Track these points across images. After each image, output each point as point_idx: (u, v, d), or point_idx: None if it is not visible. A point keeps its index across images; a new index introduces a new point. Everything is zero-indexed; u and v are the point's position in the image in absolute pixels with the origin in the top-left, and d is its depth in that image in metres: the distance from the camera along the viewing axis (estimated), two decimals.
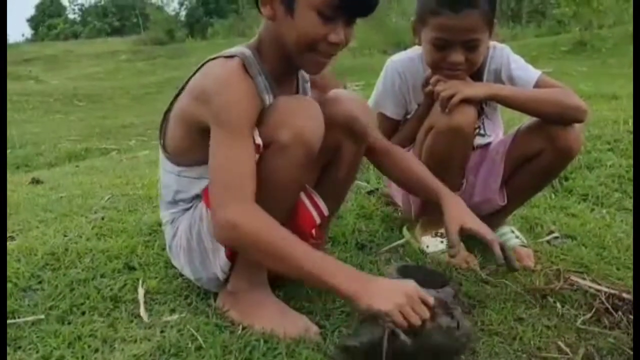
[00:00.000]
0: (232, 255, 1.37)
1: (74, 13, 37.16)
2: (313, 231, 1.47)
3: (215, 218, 1.21)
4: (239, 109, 1.24)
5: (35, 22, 36.20)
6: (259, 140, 1.27)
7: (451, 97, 1.61)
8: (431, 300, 1.16)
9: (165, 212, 1.52)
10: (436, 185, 1.57)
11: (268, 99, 1.34)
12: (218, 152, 1.24)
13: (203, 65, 1.33)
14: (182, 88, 1.37)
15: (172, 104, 1.42)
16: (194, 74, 1.34)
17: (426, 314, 1.14)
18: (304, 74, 1.50)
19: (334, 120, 1.39)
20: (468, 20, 1.56)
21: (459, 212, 1.51)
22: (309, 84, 1.55)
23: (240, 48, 1.33)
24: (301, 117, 1.27)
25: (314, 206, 1.46)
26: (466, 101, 1.62)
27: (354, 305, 1.16)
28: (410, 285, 1.18)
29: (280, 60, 1.34)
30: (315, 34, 1.24)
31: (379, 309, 1.12)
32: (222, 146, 1.23)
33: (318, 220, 1.47)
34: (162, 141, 1.45)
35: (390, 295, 1.14)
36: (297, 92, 1.47)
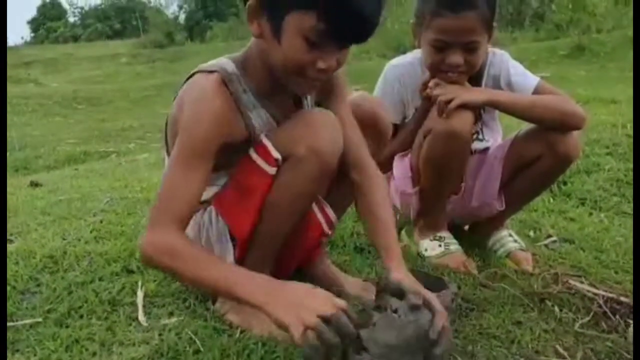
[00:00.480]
0: (239, 259, 1.38)
1: (74, 16, 37.15)
2: (322, 239, 1.48)
3: (144, 238, 1.20)
4: (201, 130, 1.22)
5: (35, 24, 36.21)
6: (276, 155, 1.28)
7: (449, 101, 1.61)
8: (343, 305, 1.07)
9: None
10: (388, 245, 1.37)
11: (257, 114, 1.33)
12: (169, 170, 1.24)
13: (190, 77, 1.32)
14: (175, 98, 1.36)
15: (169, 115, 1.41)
16: (183, 84, 1.34)
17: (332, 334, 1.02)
18: None
19: (359, 120, 1.43)
20: (467, 22, 1.57)
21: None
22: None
23: (224, 62, 1.30)
24: (318, 132, 1.27)
25: (324, 216, 1.46)
26: (464, 106, 1.62)
27: (266, 315, 1.09)
28: (321, 295, 1.10)
29: (270, 77, 1.29)
30: (302, 61, 1.18)
31: (282, 321, 1.05)
32: (174, 165, 1.23)
33: (328, 231, 1.48)
34: (166, 147, 1.43)
35: (295, 306, 1.06)
36: (296, 105, 1.42)
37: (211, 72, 1.27)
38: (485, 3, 1.58)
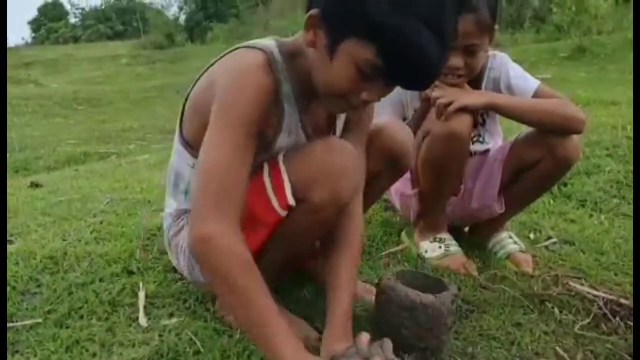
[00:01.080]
0: None
1: (75, 17, 37.19)
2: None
3: (193, 230, 1.10)
4: (246, 108, 1.12)
5: (36, 25, 36.25)
6: (292, 202, 1.21)
7: (448, 104, 1.61)
8: None
9: (171, 199, 1.45)
10: (336, 304, 1.29)
11: (291, 111, 1.25)
12: (210, 152, 1.12)
13: (225, 55, 1.24)
14: (200, 76, 1.29)
15: (189, 93, 1.33)
16: (213, 64, 1.25)
17: None
18: None
19: (382, 150, 1.42)
20: (468, 25, 1.56)
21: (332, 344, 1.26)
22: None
23: (271, 44, 1.20)
24: (339, 177, 1.19)
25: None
26: (463, 109, 1.62)
27: None
28: None
29: (311, 80, 1.19)
30: (347, 88, 1.11)
31: None
32: (216, 146, 1.12)
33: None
34: (180, 130, 1.36)
35: None
36: (328, 118, 1.36)
37: (256, 48, 1.18)
38: (486, 6, 1.58)
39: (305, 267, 1.61)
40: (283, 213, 1.23)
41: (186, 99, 1.32)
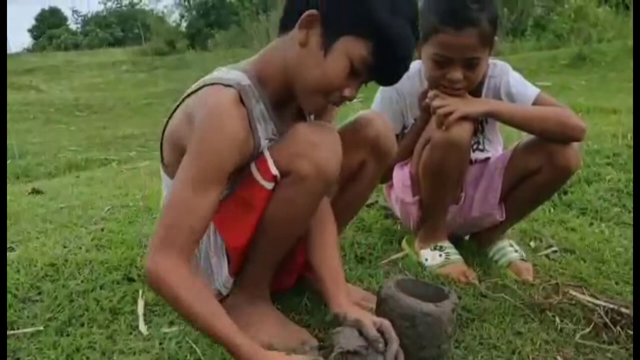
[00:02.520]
0: (235, 273, 1.38)
1: (76, 23, 37.29)
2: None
3: (148, 260, 1.16)
4: (217, 156, 1.18)
5: (37, 32, 36.32)
6: (275, 171, 1.26)
7: (448, 114, 1.61)
8: None
9: None
10: (335, 275, 1.40)
11: (264, 128, 1.30)
12: (179, 190, 1.18)
13: (200, 88, 1.26)
14: (177, 107, 1.32)
15: (166, 124, 1.36)
16: (189, 95, 1.28)
17: None
18: None
19: (364, 140, 1.43)
20: (469, 39, 1.57)
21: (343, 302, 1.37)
22: None
23: (237, 75, 1.25)
24: (322, 149, 1.25)
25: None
26: (463, 118, 1.63)
27: None
28: None
29: (284, 88, 1.28)
30: (336, 82, 1.20)
31: None
32: (186, 186, 1.17)
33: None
34: (162, 157, 1.41)
35: None
36: (299, 118, 1.40)
37: (226, 86, 1.22)
38: (487, 20, 1.58)
39: (305, 274, 1.62)
40: (269, 185, 1.28)
41: (165, 129, 1.35)
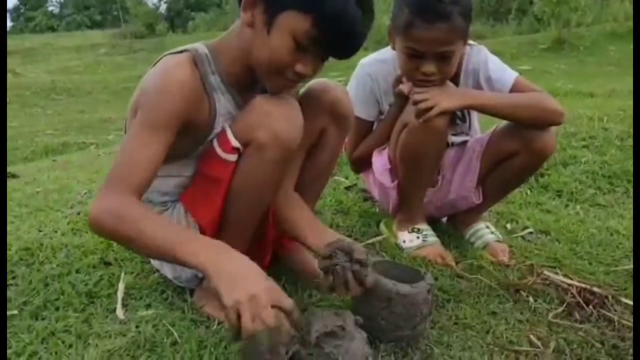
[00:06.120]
0: None
1: (53, 5, 36.62)
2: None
3: (92, 205, 1.13)
4: (165, 101, 1.19)
5: (15, 14, 35.61)
6: (236, 144, 1.28)
7: (428, 109, 1.61)
8: (287, 305, 1.01)
9: None
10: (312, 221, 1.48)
11: (224, 99, 1.32)
12: (128, 139, 1.20)
13: (159, 60, 1.30)
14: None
15: None
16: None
17: (269, 321, 0.97)
18: None
19: (322, 105, 1.44)
20: (441, 33, 1.55)
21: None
22: None
23: (197, 45, 1.30)
24: (279, 118, 1.26)
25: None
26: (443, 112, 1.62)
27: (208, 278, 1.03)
28: (261, 285, 1.01)
29: (244, 69, 1.30)
30: (284, 59, 1.21)
31: (228, 299, 0.98)
32: (134, 134, 1.19)
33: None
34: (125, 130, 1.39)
35: (236, 287, 0.99)
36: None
37: (181, 52, 1.27)
38: (459, 13, 1.55)
39: (279, 252, 1.62)
40: (232, 158, 1.30)
41: None
